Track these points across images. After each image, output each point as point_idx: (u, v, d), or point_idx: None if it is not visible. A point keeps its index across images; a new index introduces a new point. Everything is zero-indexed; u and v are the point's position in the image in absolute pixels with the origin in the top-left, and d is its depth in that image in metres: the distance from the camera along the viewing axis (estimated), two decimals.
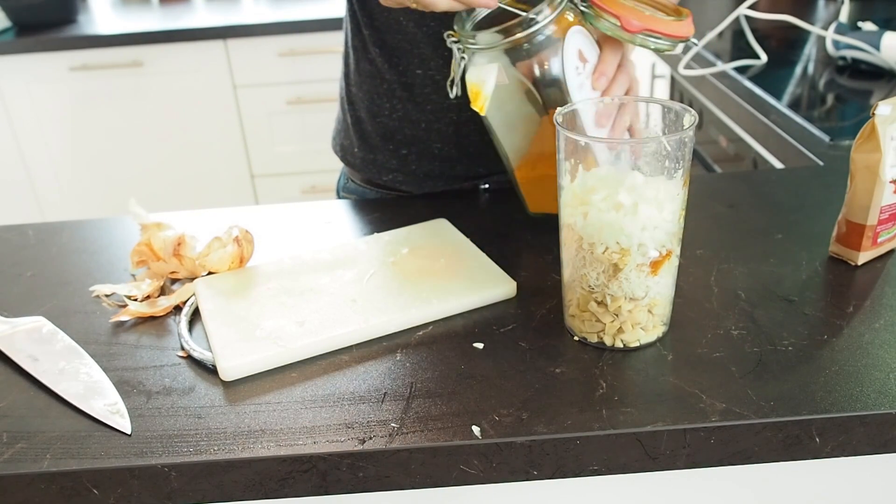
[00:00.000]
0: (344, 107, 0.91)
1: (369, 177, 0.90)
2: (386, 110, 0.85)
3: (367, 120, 0.87)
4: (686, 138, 0.51)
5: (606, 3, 0.61)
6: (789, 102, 1.12)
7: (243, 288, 0.65)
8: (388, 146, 0.87)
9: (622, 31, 0.61)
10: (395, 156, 0.87)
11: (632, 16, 0.60)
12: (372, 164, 0.89)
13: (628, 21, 0.60)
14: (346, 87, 0.90)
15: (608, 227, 0.52)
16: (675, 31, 0.61)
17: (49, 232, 0.79)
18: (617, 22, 0.60)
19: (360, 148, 0.89)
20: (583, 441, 0.48)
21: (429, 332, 0.60)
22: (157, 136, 2.23)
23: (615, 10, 0.61)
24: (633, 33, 0.60)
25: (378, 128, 0.87)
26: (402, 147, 0.86)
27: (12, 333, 0.60)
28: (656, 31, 0.60)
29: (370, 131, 0.88)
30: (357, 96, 0.88)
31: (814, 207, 0.76)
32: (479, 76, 0.62)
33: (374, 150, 0.88)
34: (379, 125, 0.86)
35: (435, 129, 0.84)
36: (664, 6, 0.64)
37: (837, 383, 0.51)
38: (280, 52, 2.12)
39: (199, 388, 0.54)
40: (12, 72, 2.10)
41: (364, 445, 0.48)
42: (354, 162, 0.91)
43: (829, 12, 1.64)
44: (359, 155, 0.90)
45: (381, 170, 0.88)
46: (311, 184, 2.33)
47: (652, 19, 0.61)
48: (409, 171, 0.87)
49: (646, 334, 0.56)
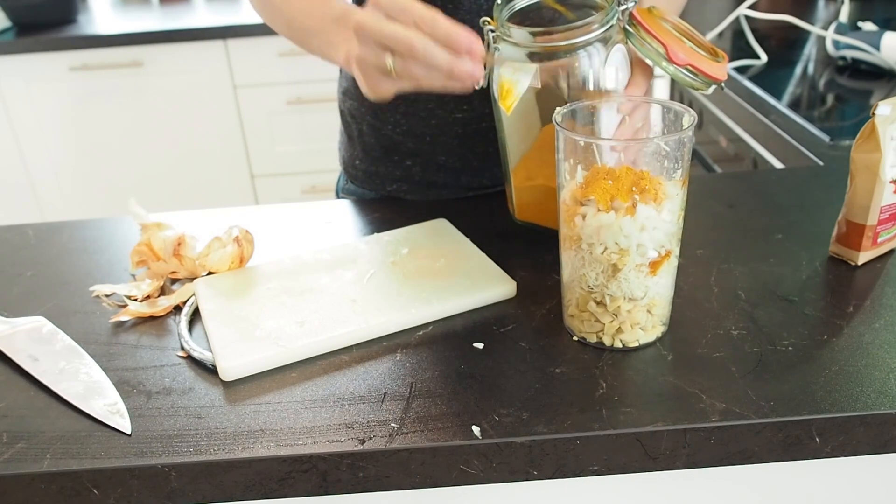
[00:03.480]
0: (346, 120, 0.90)
1: (372, 188, 0.89)
2: (389, 125, 0.84)
3: (369, 133, 0.86)
4: (685, 138, 0.51)
5: (653, 28, 0.59)
6: (789, 102, 1.12)
7: (243, 288, 0.65)
8: (391, 158, 0.86)
9: (666, 60, 0.58)
10: (398, 167, 0.86)
11: (678, 47, 0.58)
12: (374, 175, 0.88)
13: (675, 53, 0.57)
14: (345, 101, 0.89)
15: (607, 228, 0.52)
16: (713, 73, 0.58)
17: (49, 232, 0.79)
18: (663, 51, 0.58)
19: (361, 160, 0.89)
20: (583, 441, 0.48)
21: (429, 332, 0.60)
22: (157, 136, 2.23)
23: (662, 37, 0.58)
24: (677, 66, 0.58)
25: (381, 140, 0.86)
26: (406, 158, 0.85)
27: (12, 333, 0.60)
28: (697, 67, 0.58)
29: (373, 144, 0.86)
30: (359, 111, 0.86)
31: (814, 207, 0.76)
32: (513, 74, 0.59)
33: (376, 162, 0.87)
34: (383, 138, 0.85)
35: (440, 141, 0.83)
36: (701, 43, 0.62)
37: (837, 383, 0.51)
38: (280, 52, 2.12)
39: (199, 388, 0.54)
40: (12, 72, 2.10)
41: (364, 445, 0.48)
42: (356, 174, 0.90)
43: (829, 12, 1.64)
44: (361, 167, 0.89)
45: (384, 180, 0.87)
46: (311, 184, 2.33)
47: (695, 55, 0.58)
48: (412, 181, 0.86)
49: (645, 334, 0.56)
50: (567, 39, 0.59)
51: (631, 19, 0.60)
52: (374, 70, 0.56)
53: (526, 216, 0.72)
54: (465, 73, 0.53)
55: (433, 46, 0.52)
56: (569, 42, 0.59)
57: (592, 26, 0.59)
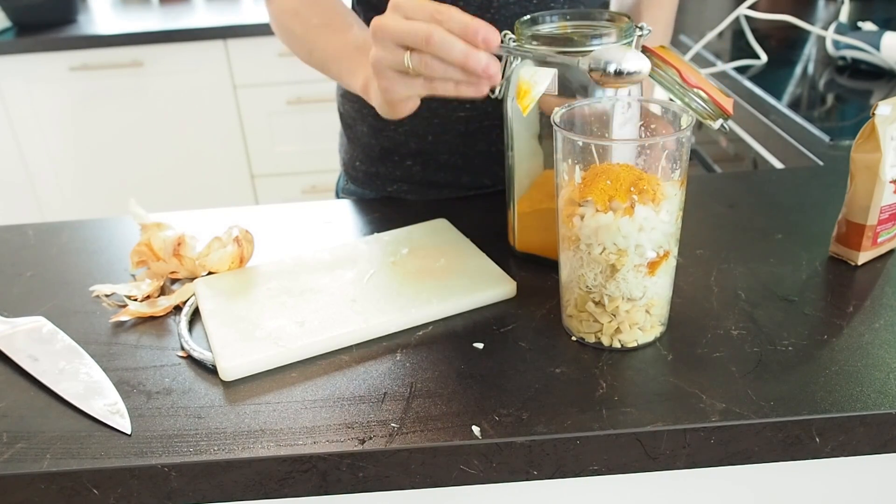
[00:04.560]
0: (345, 122, 0.90)
1: (373, 189, 0.89)
2: (392, 125, 0.84)
3: (369, 134, 0.86)
4: (683, 139, 0.51)
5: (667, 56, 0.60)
6: (789, 102, 1.12)
7: (243, 288, 0.65)
8: (391, 158, 0.86)
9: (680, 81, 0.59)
10: (398, 167, 0.86)
11: (691, 73, 0.60)
12: (375, 176, 0.88)
13: (688, 76, 0.59)
14: (344, 104, 0.89)
15: (605, 229, 0.52)
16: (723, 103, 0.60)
17: (49, 232, 0.79)
18: (677, 75, 0.59)
19: (361, 161, 0.89)
20: (583, 441, 0.48)
21: (429, 332, 0.60)
22: (157, 136, 2.23)
23: (675, 64, 0.60)
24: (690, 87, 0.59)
25: (382, 141, 0.86)
26: (406, 159, 0.85)
27: (12, 333, 0.60)
28: (708, 93, 0.59)
29: (373, 144, 0.87)
30: (360, 113, 0.86)
31: (814, 207, 0.76)
32: (533, 76, 0.60)
33: (376, 162, 0.87)
34: (383, 139, 0.85)
35: (442, 140, 0.83)
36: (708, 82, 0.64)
37: (837, 383, 0.51)
38: (280, 52, 2.12)
39: (199, 388, 0.54)
40: (12, 72, 2.10)
41: (364, 445, 0.48)
42: (357, 175, 0.90)
43: (829, 12, 1.64)
44: (361, 168, 0.89)
45: (384, 181, 0.88)
46: (311, 184, 2.33)
47: (706, 81, 0.60)
48: (413, 181, 0.86)
49: (643, 334, 0.56)
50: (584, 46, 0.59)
51: (644, 49, 0.61)
52: (391, 72, 0.56)
53: (525, 247, 0.70)
54: (480, 64, 0.52)
55: (449, 35, 0.52)
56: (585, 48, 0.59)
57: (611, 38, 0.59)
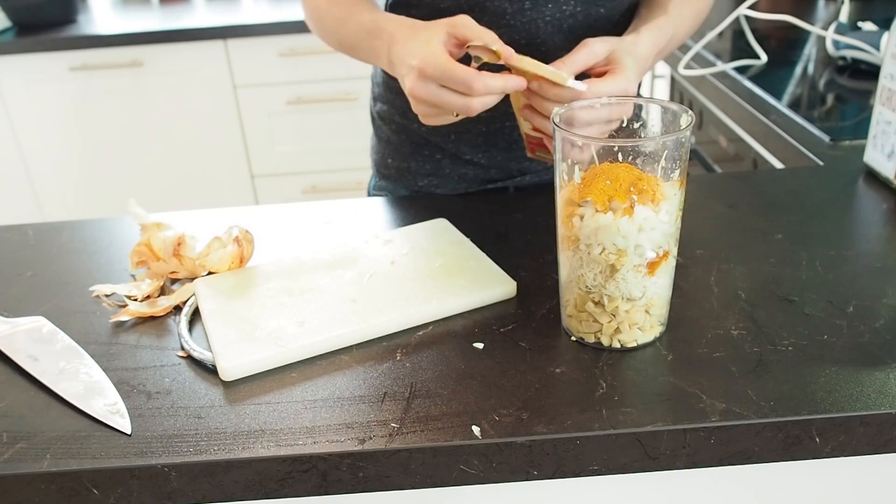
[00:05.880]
0: (376, 123, 0.95)
1: (405, 183, 0.93)
2: (416, 122, 0.87)
3: (398, 131, 0.91)
4: (683, 139, 0.51)
5: None
6: (789, 102, 1.12)
7: (243, 288, 0.65)
8: (422, 153, 0.90)
9: None
10: (429, 161, 0.90)
11: None
12: (406, 171, 0.92)
13: None
14: (375, 104, 0.94)
15: (605, 229, 0.52)
16: None
17: (49, 232, 0.79)
18: None
19: (393, 158, 0.93)
20: (583, 441, 0.48)
21: (429, 332, 0.60)
22: (157, 136, 2.23)
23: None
24: None
25: (411, 137, 0.90)
26: (435, 152, 0.89)
27: (12, 333, 0.60)
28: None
29: (403, 140, 0.90)
30: (388, 112, 0.91)
31: (814, 207, 0.76)
32: None
33: (406, 158, 0.91)
34: (412, 134, 0.89)
35: (465, 139, 0.87)
36: None
37: (837, 383, 0.51)
38: (280, 52, 2.12)
39: (199, 388, 0.54)
40: (12, 72, 2.10)
41: (364, 445, 0.48)
42: (389, 173, 0.94)
43: (829, 12, 1.64)
44: (393, 165, 0.93)
45: (415, 175, 0.91)
46: (311, 184, 2.33)
47: None
48: (443, 174, 0.90)
49: (643, 334, 0.56)
50: None
51: None
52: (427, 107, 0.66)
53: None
54: None
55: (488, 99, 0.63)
56: None
57: None
